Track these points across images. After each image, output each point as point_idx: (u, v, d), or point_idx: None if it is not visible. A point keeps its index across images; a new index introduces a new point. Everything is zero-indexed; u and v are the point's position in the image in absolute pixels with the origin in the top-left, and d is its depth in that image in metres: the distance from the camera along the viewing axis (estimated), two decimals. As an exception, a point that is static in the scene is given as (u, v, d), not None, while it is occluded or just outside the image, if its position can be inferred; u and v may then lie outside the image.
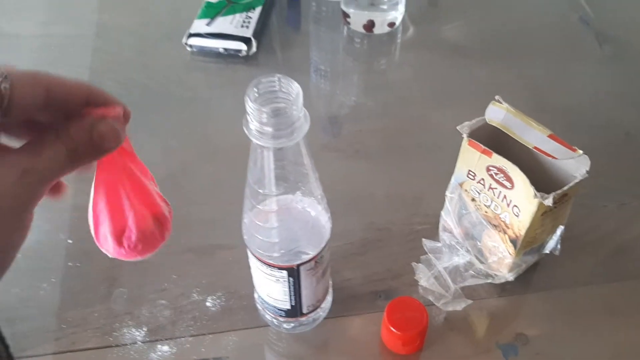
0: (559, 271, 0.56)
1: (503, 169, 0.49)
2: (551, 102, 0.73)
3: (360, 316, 0.53)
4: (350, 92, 0.75)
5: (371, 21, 0.78)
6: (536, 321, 0.53)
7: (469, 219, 0.55)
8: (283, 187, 0.40)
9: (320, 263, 0.46)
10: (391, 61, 0.79)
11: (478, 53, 0.79)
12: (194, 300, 0.54)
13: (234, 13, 0.77)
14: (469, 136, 0.50)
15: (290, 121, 0.36)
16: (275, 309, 0.49)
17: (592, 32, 0.81)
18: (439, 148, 0.66)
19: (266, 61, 0.76)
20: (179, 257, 0.57)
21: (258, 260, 0.45)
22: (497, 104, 0.49)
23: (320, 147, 0.67)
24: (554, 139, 0.47)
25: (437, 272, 0.55)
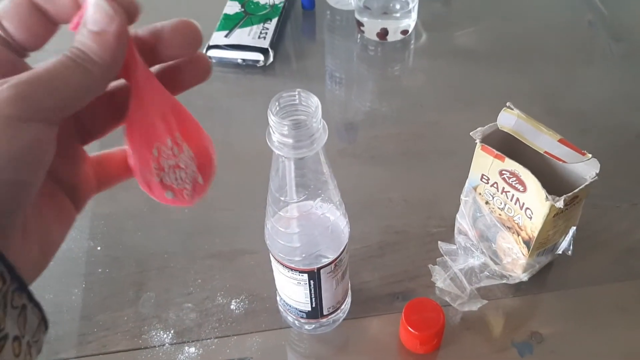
0: (572, 271, 0.58)
1: (515, 172, 0.50)
2: (563, 106, 0.74)
3: (378, 317, 0.55)
4: (365, 98, 0.77)
5: (384, 29, 0.80)
6: (550, 320, 0.55)
7: (484, 222, 0.57)
8: (303, 194, 0.42)
9: (339, 266, 0.48)
10: (405, 68, 0.81)
11: (490, 58, 0.80)
12: (219, 304, 0.56)
13: (251, 25, 0.79)
14: (481, 141, 0.52)
15: (310, 133, 0.38)
16: (296, 311, 0.51)
17: (603, 35, 0.83)
18: (454, 152, 0.67)
19: (283, 71, 0.78)
20: (203, 262, 0.59)
21: (280, 264, 0.47)
22: (508, 110, 0.51)
23: (337, 153, 0.69)
24: (564, 144, 0.49)
25: (452, 273, 0.57)
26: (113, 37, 0.27)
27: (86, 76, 0.26)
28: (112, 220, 0.63)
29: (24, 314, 0.27)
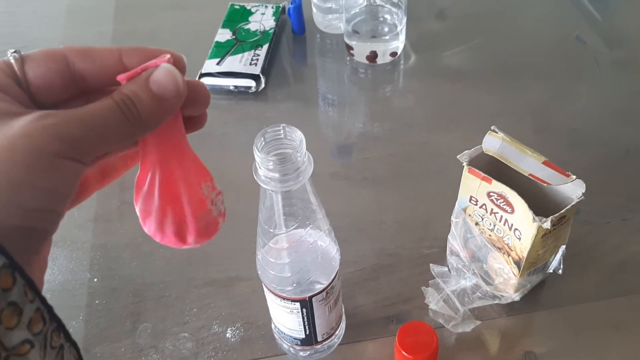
0: (564, 288, 0.58)
1: (503, 194, 0.51)
2: (552, 122, 0.75)
3: (373, 341, 0.55)
4: (357, 120, 0.78)
5: (374, 52, 0.81)
6: (544, 339, 0.55)
7: (474, 242, 0.57)
8: (292, 224, 0.43)
9: (331, 293, 0.48)
10: (395, 89, 0.82)
11: (479, 77, 0.81)
12: (215, 332, 0.57)
13: (242, 52, 0.80)
14: (468, 164, 0.53)
15: (296, 166, 0.38)
16: (291, 338, 0.52)
17: (596, 44, 0.84)
18: (444, 173, 0.68)
19: (275, 95, 0.79)
20: (199, 291, 0.60)
21: (272, 294, 0.47)
22: (493, 133, 0.52)
23: (329, 176, 0.70)
24: (548, 165, 0.49)
25: (445, 295, 0.57)
26: (168, 108, 0.28)
27: (127, 128, 0.27)
28: (109, 251, 0.64)
29: (61, 354, 0.27)
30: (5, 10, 0.96)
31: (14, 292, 0.24)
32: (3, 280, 0.24)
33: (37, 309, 0.25)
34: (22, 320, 0.25)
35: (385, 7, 0.81)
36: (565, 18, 0.90)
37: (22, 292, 0.25)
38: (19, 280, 0.25)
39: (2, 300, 0.24)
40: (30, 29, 0.93)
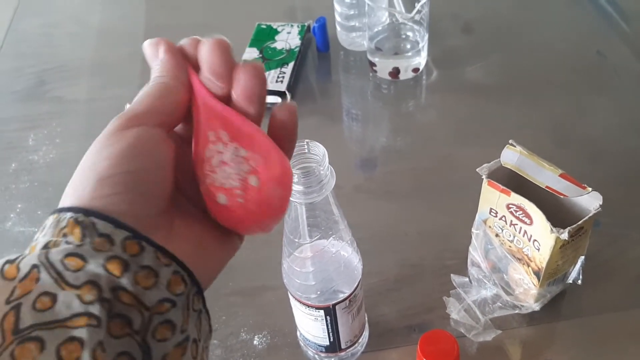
0: (585, 299, 0.59)
1: (522, 206, 0.52)
2: (573, 135, 0.76)
3: (396, 349, 0.57)
4: (380, 135, 0.80)
5: (396, 68, 0.83)
6: (565, 349, 0.56)
7: (495, 254, 0.58)
8: (316, 235, 0.45)
9: (354, 302, 0.50)
10: (417, 104, 0.84)
11: (500, 92, 0.83)
12: (242, 339, 0.59)
13: (268, 69, 0.83)
14: (488, 177, 0.54)
15: (319, 179, 0.40)
16: (316, 345, 0.54)
17: (620, 57, 0.85)
18: (466, 186, 0.69)
19: (300, 111, 0.80)
20: (227, 299, 0.62)
21: (297, 301, 0.49)
22: (511, 147, 0.53)
23: (353, 189, 0.72)
24: (565, 178, 0.51)
25: (466, 305, 0.58)
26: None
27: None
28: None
29: (200, 319, 0.30)
30: (41, 31, 1.01)
31: (144, 257, 0.27)
32: (129, 247, 0.27)
33: (174, 272, 0.28)
34: (160, 282, 0.27)
35: (408, 24, 0.83)
36: (588, 32, 0.91)
37: (153, 257, 0.28)
38: (148, 248, 0.28)
39: (133, 264, 0.27)
40: (63, 49, 0.97)
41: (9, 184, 0.76)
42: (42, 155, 0.79)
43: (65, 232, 0.27)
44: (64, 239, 0.27)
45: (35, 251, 0.27)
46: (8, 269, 0.26)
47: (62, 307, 0.25)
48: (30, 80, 0.91)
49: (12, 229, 0.71)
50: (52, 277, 0.26)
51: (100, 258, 0.26)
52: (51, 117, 0.84)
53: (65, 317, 0.25)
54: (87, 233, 0.27)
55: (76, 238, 0.27)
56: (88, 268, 0.26)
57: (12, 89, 0.90)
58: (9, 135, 0.83)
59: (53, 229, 0.27)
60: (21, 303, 0.25)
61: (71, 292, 0.25)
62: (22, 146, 0.81)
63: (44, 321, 0.24)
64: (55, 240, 0.27)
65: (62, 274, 0.26)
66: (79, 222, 0.27)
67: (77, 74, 0.91)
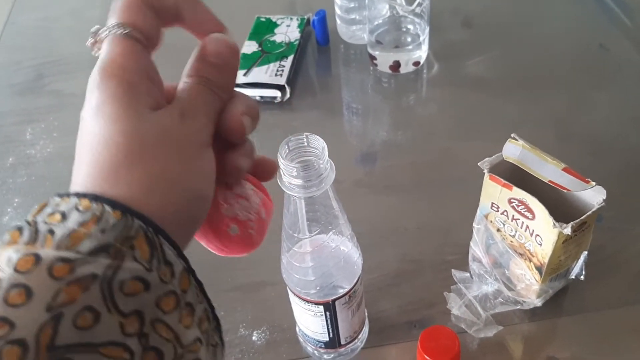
0: (587, 295, 0.58)
1: (523, 200, 0.52)
2: (575, 130, 0.75)
3: (396, 345, 0.56)
4: (380, 129, 0.79)
5: (397, 62, 0.82)
6: (566, 344, 0.55)
7: (496, 249, 0.58)
8: (315, 229, 0.44)
9: (353, 297, 0.50)
10: (418, 98, 0.83)
11: (501, 85, 0.82)
12: (241, 335, 0.58)
13: (268, 63, 0.82)
14: (489, 171, 0.54)
15: (318, 173, 0.40)
16: (315, 341, 0.53)
17: (621, 52, 0.84)
18: (466, 180, 0.68)
19: (300, 105, 0.81)
20: (226, 295, 0.61)
21: (297, 297, 0.49)
22: (513, 141, 0.53)
23: (353, 183, 0.71)
24: (568, 172, 0.50)
25: (467, 300, 0.58)
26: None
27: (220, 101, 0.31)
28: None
29: (215, 352, 0.30)
30: (40, 25, 1.00)
31: (189, 294, 0.27)
32: (183, 282, 0.26)
33: (204, 309, 0.28)
34: (194, 320, 0.27)
35: (408, 17, 0.82)
36: (590, 25, 0.90)
37: (194, 293, 0.27)
38: (192, 282, 0.27)
39: (182, 300, 0.26)
40: (62, 43, 0.96)
41: (6, 178, 0.75)
42: (40, 149, 0.78)
43: (134, 244, 0.25)
44: (130, 252, 0.25)
45: (89, 244, 0.24)
46: (61, 266, 0.23)
47: (102, 330, 0.23)
48: (28, 74, 0.90)
49: (9, 224, 0.70)
50: (103, 294, 0.24)
51: (160, 290, 0.25)
52: (49, 111, 0.84)
53: (101, 342, 0.23)
54: (155, 255, 0.25)
55: (144, 257, 0.25)
56: (143, 297, 0.25)
57: (9, 82, 0.89)
58: (6, 129, 0.82)
59: (117, 231, 0.25)
60: (63, 314, 0.22)
61: (116, 317, 0.24)
62: (19, 140, 0.80)
63: (80, 342, 0.23)
64: (120, 249, 0.25)
65: (114, 295, 0.24)
66: (149, 240, 0.25)
67: (75, 68, 0.90)
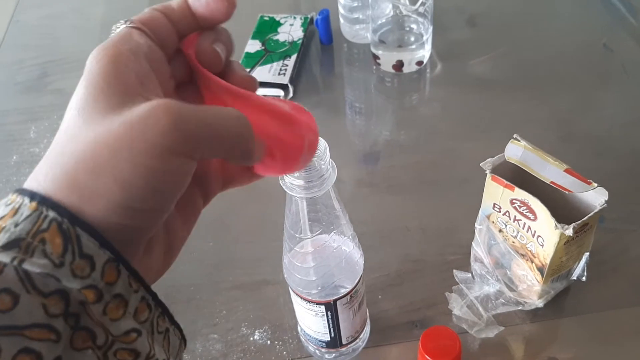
0: (589, 296, 0.58)
1: (525, 201, 0.52)
2: (578, 130, 0.75)
3: (397, 345, 0.57)
4: (383, 128, 0.79)
5: (400, 61, 0.82)
6: (568, 345, 0.55)
7: (498, 249, 0.58)
8: (317, 229, 0.44)
9: (355, 297, 0.50)
10: (421, 97, 0.83)
11: (505, 85, 0.82)
12: (243, 334, 0.58)
13: (271, 62, 0.82)
14: (492, 172, 0.53)
15: (320, 173, 0.40)
16: (316, 341, 0.53)
17: (618, 58, 0.84)
18: (469, 180, 0.69)
19: (302, 104, 0.80)
20: (228, 294, 0.62)
21: (298, 297, 0.49)
22: (515, 142, 0.53)
23: (355, 183, 0.72)
24: (570, 173, 0.50)
25: (469, 301, 0.58)
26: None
27: (245, 132, 0.28)
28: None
29: (167, 337, 0.29)
30: (44, 23, 1.00)
31: (118, 285, 0.25)
32: (107, 274, 0.25)
33: (142, 298, 0.27)
34: (128, 311, 0.26)
35: (412, 17, 0.82)
36: (594, 25, 0.90)
37: (126, 283, 0.26)
38: (123, 272, 0.26)
39: (106, 293, 0.25)
40: (67, 41, 0.97)
41: (10, 177, 0.76)
42: (44, 147, 0.79)
43: (45, 237, 0.24)
44: (41, 246, 0.24)
45: (2, 238, 0.24)
46: None
47: (23, 313, 0.23)
48: (32, 72, 0.90)
49: (13, 222, 0.70)
50: (19, 276, 0.23)
51: (76, 284, 0.24)
52: (52, 109, 0.84)
53: (24, 325, 0.23)
54: (69, 248, 0.24)
55: (55, 251, 0.24)
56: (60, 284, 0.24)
57: (14, 80, 0.90)
58: (10, 127, 0.83)
59: (30, 224, 0.24)
60: None
61: (37, 298, 0.23)
62: (23, 138, 0.80)
63: (2, 325, 0.22)
64: (31, 243, 0.24)
65: (31, 276, 0.23)
66: (63, 231, 0.24)
67: (79, 67, 0.89)
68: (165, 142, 0.25)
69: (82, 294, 0.24)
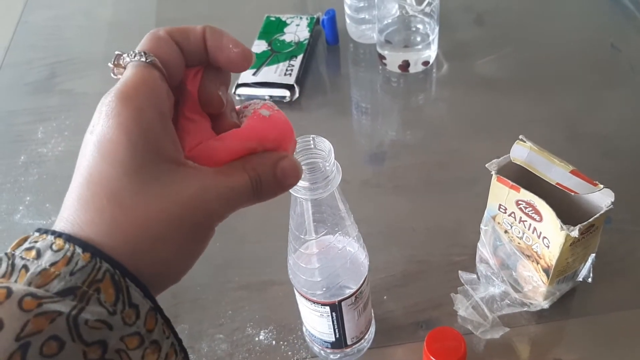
0: (594, 297, 0.58)
1: (531, 202, 0.52)
2: (585, 130, 0.75)
3: (402, 346, 0.57)
4: (389, 128, 0.79)
5: (406, 61, 0.82)
6: (573, 347, 0.55)
7: (504, 250, 0.58)
8: (322, 231, 0.45)
9: (360, 298, 0.50)
10: (427, 98, 0.83)
11: (511, 85, 0.82)
12: (249, 334, 0.58)
13: (277, 62, 0.82)
14: (497, 173, 0.53)
15: (325, 175, 0.40)
16: (321, 341, 0.53)
17: (625, 58, 0.83)
18: (475, 181, 0.69)
19: (309, 105, 0.81)
20: (233, 294, 0.62)
21: (303, 297, 0.49)
22: (521, 142, 0.53)
23: (361, 183, 0.72)
24: (576, 175, 0.50)
25: (474, 302, 0.58)
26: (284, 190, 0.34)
27: (251, 200, 0.32)
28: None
29: None
30: (52, 24, 1.01)
31: (155, 331, 0.28)
32: (148, 322, 0.28)
33: (171, 344, 0.29)
34: (161, 356, 0.28)
35: (418, 17, 0.82)
36: (602, 24, 0.89)
37: (161, 330, 0.28)
38: (159, 320, 0.28)
39: (146, 340, 0.27)
40: (74, 42, 0.97)
41: (18, 177, 0.76)
42: (51, 148, 0.79)
43: (100, 287, 0.26)
44: (96, 295, 0.26)
45: (58, 285, 0.26)
46: (30, 300, 0.25)
47: (65, 356, 0.25)
48: (40, 72, 0.91)
49: (21, 222, 0.71)
50: (69, 325, 0.25)
51: (123, 332, 0.26)
52: (60, 109, 0.84)
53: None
54: (121, 298, 0.27)
55: (109, 300, 0.26)
56: (107, 332, 0.26)
57: (22, 81, 0.90)
58: (18, 127, 0.83)
59: (85, 274, 0.26)
60: (30, 343, 0.24)
61: (79, 346, 0.25)
62: (31, 139, 0.81)
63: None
64: (86, 292, 0.26)
65: (79, 327, 0.25)
66: (115, 282, 0.27)
67: (87, 67, 0.91)
68: (207, 223, 0.30)
69: (122, 343, 0.26)
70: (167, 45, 0.31)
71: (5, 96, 0.89)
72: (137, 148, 0.28)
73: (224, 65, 0.32)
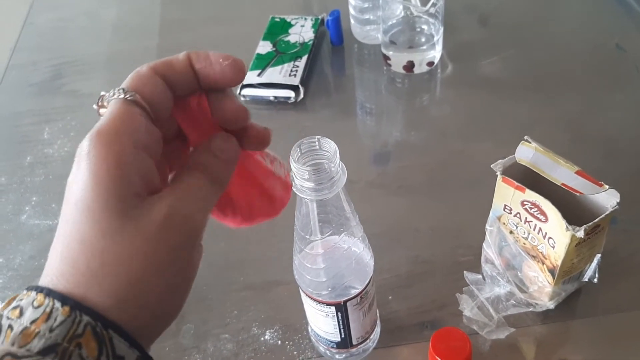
0: (601, 297, 0.58)
1: (536, 203, 0.52)
2: (589, 131, 0.75)
3: (407, 346, 0.57)
4: (393, 129, 0.79)
5: (411, 62, 0.82)
6: (579, 347, 0.55)
7: (509, 251, 0.58)
8: (327, 231, 0.45)
9: (365, 298, 0.50)
10: (432, 98, 0.83)
11: (515, 86, 0.82)
12: (254, 334, 0.59)
13: (282, 63, 0.83)
14: (502, 173, 0.53)
15: (330, 176, 0.40)
16: (327, 341, 0.53)
17: (630, 59, 0.83)
18: (480, 181, 0.68)
19: (313, 105, 0.81)
20: (239, 294, 0.62)
21: (308, 297, 0.49)
22: (526, 143, 0.53)
23: (365, 184, 0.72)
24: (581, 175, 0.50)
25: (479, 302, 0.58)
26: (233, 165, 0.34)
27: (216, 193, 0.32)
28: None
29: None
30: (57, 25, 1.01)
31: None
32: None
33: None
34: None
35: (422, 17, 0.82)
36: (607, 24, 0.89)
37: None
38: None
39: None
40: (79, 43, 0.97)
41: (24, 177, 0.77)
42: (57, 148, 0.80)
43: (81, 342, 0.26)
44: (77, 350, 0.26)
45: (38, 344, 0.25)
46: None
47: None
48: (45, 74, 0.91)
49: (27, 222, 0.71)
50: None
51: None
52: (66, 110, 0.85)
53: None
54: (104, 351, 0.26)
55: (91, 354, 0.26)
56: None
57: (27, 82, 0.91)
58: (24, 128, 0.84)
59: (65, 329, 0.26)
60: None
61: None
62: (37, 140, 0.81)
63: None
64: (67, 348, 0.25)
65: None
66: (97, 335, 0.26)
67: (92, 68, 0.91)
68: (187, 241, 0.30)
69: None
70: (150, 80, 0.31)
71: (11, 97, 0.89)
72: (103, 188, 0.27)
73: (219, 80, 0.32)
